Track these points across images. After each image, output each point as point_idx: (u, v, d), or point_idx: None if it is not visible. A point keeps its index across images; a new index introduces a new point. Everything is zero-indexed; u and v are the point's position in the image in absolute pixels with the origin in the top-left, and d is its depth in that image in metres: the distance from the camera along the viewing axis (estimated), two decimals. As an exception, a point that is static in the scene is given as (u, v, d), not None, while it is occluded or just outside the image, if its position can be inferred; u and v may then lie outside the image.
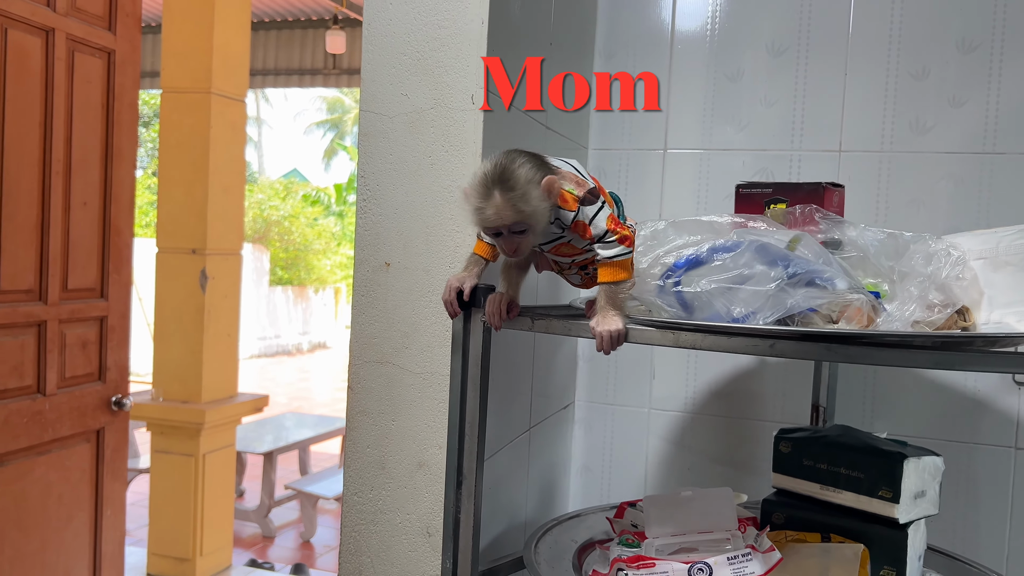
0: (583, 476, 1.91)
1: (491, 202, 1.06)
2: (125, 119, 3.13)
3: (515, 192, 1.06)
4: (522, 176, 1.07)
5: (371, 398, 1.34)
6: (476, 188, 1.08)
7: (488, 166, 1.08)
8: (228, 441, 4.34)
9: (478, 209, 1.08)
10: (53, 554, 2.95)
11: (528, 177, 1.07)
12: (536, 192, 1.07)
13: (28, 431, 2.80)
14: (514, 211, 1.07)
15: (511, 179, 1.06)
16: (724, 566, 1.17)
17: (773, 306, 1.03)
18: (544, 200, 1.08)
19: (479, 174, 1.08)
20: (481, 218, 1.08)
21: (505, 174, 1.07)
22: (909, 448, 1.31)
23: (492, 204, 1.06)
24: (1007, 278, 1.16)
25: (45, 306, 2.85)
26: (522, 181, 1.07)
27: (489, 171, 1.07)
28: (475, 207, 1.08)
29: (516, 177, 1.07)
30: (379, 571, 1.35)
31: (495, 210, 1.07)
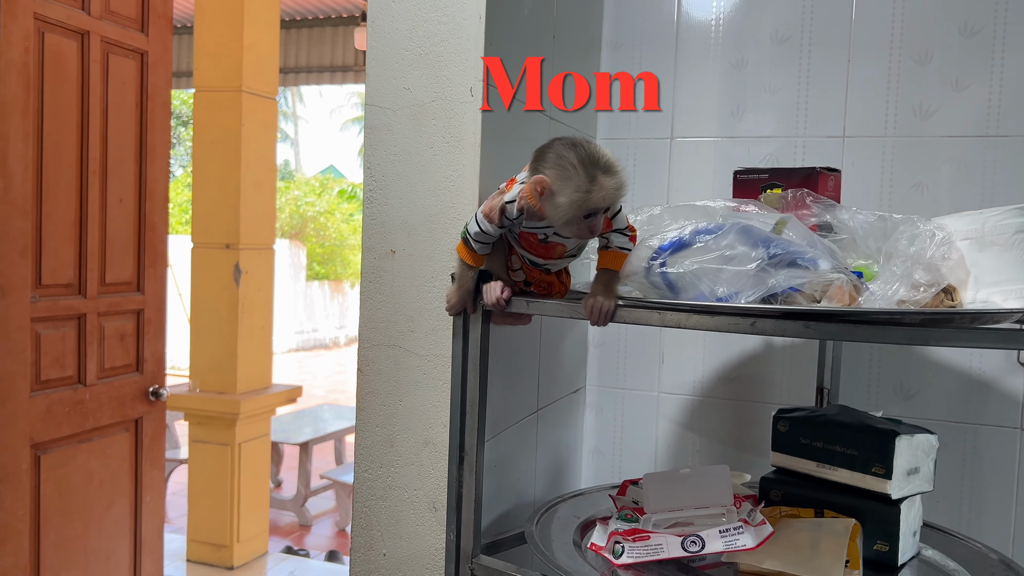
0: (595, 458, 1.95)
1: (597, 185, 1.11)
2: (158, 118, 3.24)
3: (620, 175, 1.13)
4: (615, 160, 1.14)
5: (379, 379, 1.41)
6: (574, 175, 1.11)
7: (574, 153, 1.12)
8: (263, 431, 4.45)
9: (582, 199, 1.11)
10: (95, 539, 3.07)
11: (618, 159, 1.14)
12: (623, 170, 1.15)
13: (70, 420, 2.91)
14: (617, 193, 1.13)
15: (612, 164, 1.13)
16: (716, 538, 1.21)
17: (755, 286, 1.07)
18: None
19: (570, 161, 1.12)
20: (586, 206, 1.12)
21: (604, 160, 1.12)
22: (903, 426, 1.34)
23: (599, 187, 1.11)
24: (992, 258, 1.18)
25: (84, 299, 2.97)
26: (618, 165, 1.13)
27: (585, 157, 1.12)
28: (578, 195, 1.11)
29: (612, 161, 1.13)
30: (389, 544, 1.41)
31: (604, 193, 1.12)
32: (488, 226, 1.20)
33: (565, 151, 1.12)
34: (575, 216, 1.13)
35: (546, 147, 1.15)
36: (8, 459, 2.68)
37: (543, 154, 1.15)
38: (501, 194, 1.20)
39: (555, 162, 1.12)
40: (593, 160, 1.11)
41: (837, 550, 1.21)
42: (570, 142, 1.13)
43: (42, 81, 2.71)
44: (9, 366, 2.66)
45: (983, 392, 1.67)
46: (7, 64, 2.58)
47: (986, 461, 1.67)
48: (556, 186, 1.12)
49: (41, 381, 2.80)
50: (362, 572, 1.42)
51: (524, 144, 1.53)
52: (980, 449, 1.68)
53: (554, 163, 1.13)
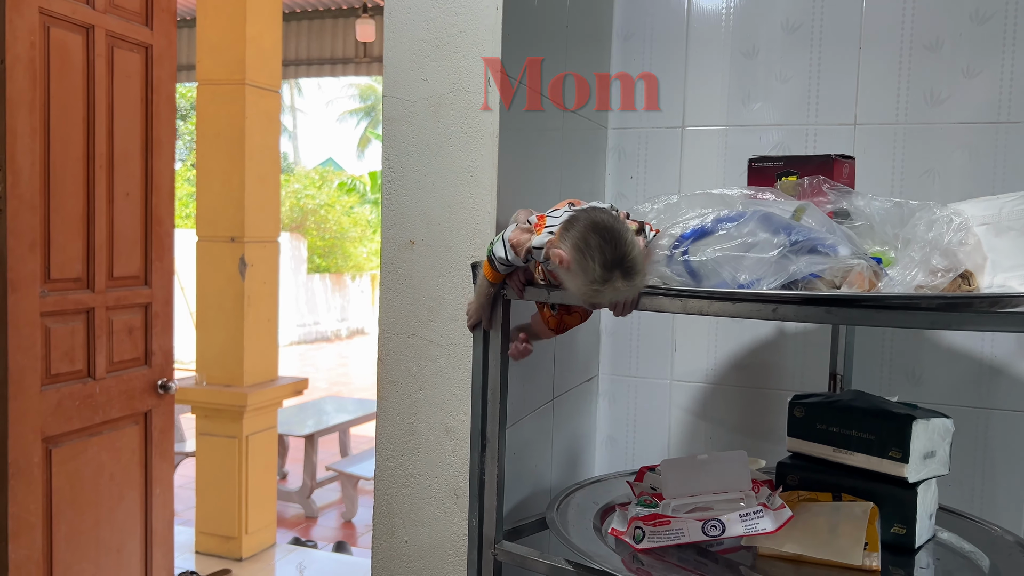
0: (608, 446, 1.97)
1: (610, 286, 1.07)
2: (163, 112, 3.24)
3: (636, 277, 1.08)
4: (639, 254, 1.08)
5: (399, 369, 1.42)
6: (590, 267, 1.06)
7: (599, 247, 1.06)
8: (270, 423, 4.47)
9: (592, 291, 1.08)
10: (106, 531, 3.08)
11: (642, 253, 1.09)
12: (645, 265, 1.10)
13: (80, 413, 2.93)
14: (629, 290, 1.09)
15: (633, 260, 1.07)
16: (736, 523, 1.23)
17: (776, 272, 1.08)
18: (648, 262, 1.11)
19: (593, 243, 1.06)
20: (593, 299, 1.09)
21: (628, 261, 1.06)
22: (919, 410, 1.35)
23: (611, 288, 1.07)
24: (1009, 243, 1.19)
25: (93, 293, 2.97)
26: (640, 260, 1.08)
27: (609, 257, 1.06)
28: (590, 288, 1.08)
29: (635, 258, 1.07)
30: (410, 532, 1.43)
31: (614, 294, 1.08)
32: (514, 257, 1.19)
33: (592, 238, 1.07)
34: (584, 303, 1.12)
35: (580, 217, 1.10)
36: (20, 453, 2.69)
37: (574, 224, 1.09)
38: (530, 231, 1.17)
39: (579, 245, 1.07)
40: (616, 261, 1.06)
41: (856, 533, 1.23)
42: (603, 228, 1.07)
43: (48, 76, 2.71)
44: (19, 360, 2.67)
45: (995, 377, 1.69)
46: (13, 59, 2.58)
47: (998, 445, 1.69)
48: (573, 269, 1.08)
49: (51, 375, 2.81)
50: (384, 560, 1.44)
51: (540, 135, 1.54)
52: (992, 433, 1.69)
53: (578, 246, 1.07)
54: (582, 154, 1.77)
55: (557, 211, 1.18)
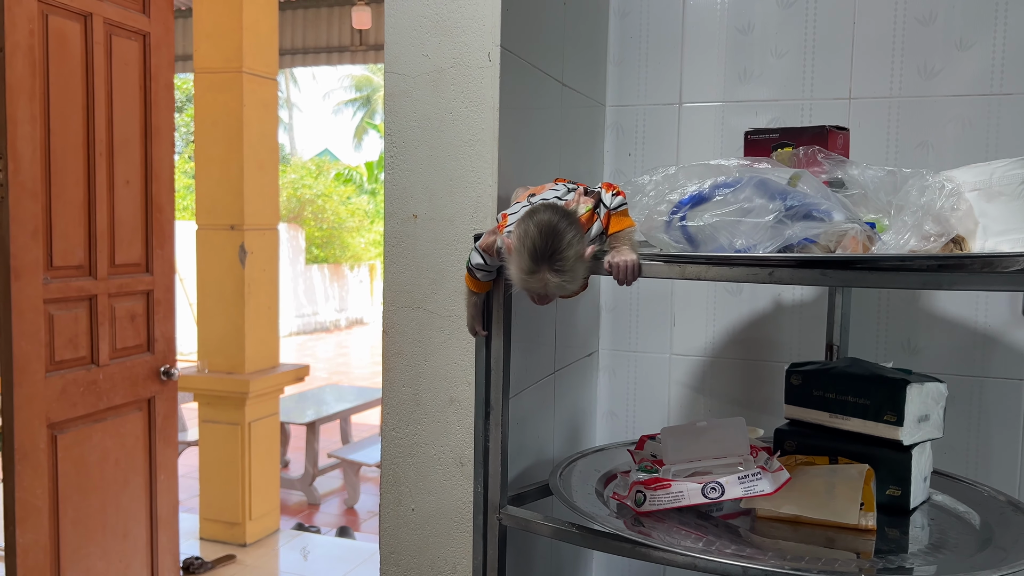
0: (608, 420, 2.00)
1: (537, 278, 1.12)
2: (162, 99, 3.25)
3: (564, 275, 1.12)
4: (572, 255, 1.11)
5: (405, 341, 1.44)
6: (523, 256, 1.12)
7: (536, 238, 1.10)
8: (272, 410, 4.50)
9: (523, 279, 1.13)
10: (112, 516, 3.12)
11: (578, 255, 1.12)
12: (582, 267, 1.13)
13: (84, 400, 2.95)
14: (559, 288, 1.13)
15: (562, 258, 1.11)
16: (735, 485, 1.26)
17: (772, 237, 1.11)
18: (586, 266, 1.14)
19: (530, 235, 1.11)
20: (525, 285, 1.14)
21: (556, 254, 1.10)
22: (913, 375, 1.38)
23: (538, 280, 1.12)
24: (1000, 208, 1.22)
25: (95, 281, 3.00)
26: (571, 260, 1.11)
27: (542, 248, 1.10)
28: (521, 275, 1.13)
29: (566, 257, 1.11)
30: (417, 499, 1.45)
31: (541, 285, 1.12)
32: (490, 259, 1.23)
33: (532, 231, 1.11)
34: (518, 288, 1.16)
35: (532, 211, 1.15)
36: (26, 438, 2.72)
37: (525, 217, 1.15)
38: (495, 233, 1.22)
39: (520, 235, 1.13)
40: (546, 256, 1.10)
41: (852, 493, 1.26)
42: (544, 225, 1.11)
43: (47, 63, 2.72)
44: (24, 347, 2.70)
45: (988, 346, 1.71)
46: (13, 47, 2.59)
47: (992, 412, 1.72)
48: (512, 256, 1.14)
49: (55, 362, 2.83)
50: (391, 528, 1.47)
51: (539, 111, 1.56)
52: (986, 401, 1.72)
53: (519, 236, 1.13)
54: (580, 131, 1.79)
55: (516, 206, 1.23)
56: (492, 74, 1.36)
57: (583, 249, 1.13)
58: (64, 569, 2.89)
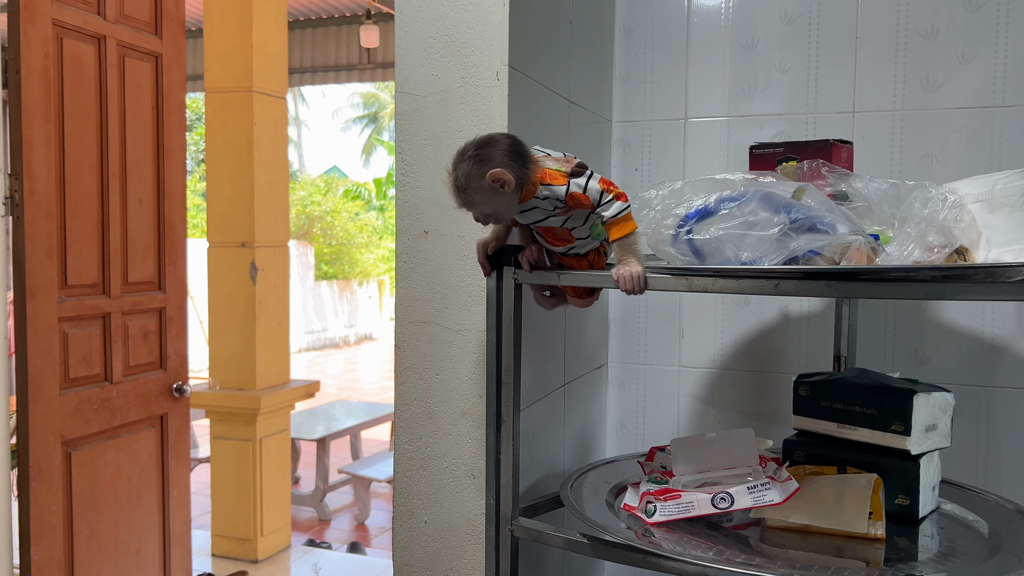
0: (618, 433, 2.01)
1: (450, 187, 1.21)
2: (174, 119, 3.30)
3: (463, 187, 1.19)
4: (463, 171, 1.19)
5: (416, 355, 1.47)
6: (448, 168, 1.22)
7: (458, 151, 1.20)
8: (283, 426, 4.52)
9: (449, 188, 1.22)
10: (125, 532, 3.14)
11: (469, 173, 1.19)
12: (481, 185, 1.18)
13: (98, 417, 2.98)
14: (464, 200, 1.21)
15: (458, 175, 1.19)
16: (745, 495, 1.27)
17: (777, 249, 1.13)
18: (495, 191, 1.19)
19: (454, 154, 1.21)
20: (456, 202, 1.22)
21: (457, 169, 1.19)
22: (920, 385, 1.39)
23: (451, 189, 1.21)
24: (1003, 219, 1.24)
25: (109, 299, 3.03)
26: (462, 177, 1.19)
27: (453, 159, 1.20)
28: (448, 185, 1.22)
29: (460, 172, 1.19)
30: (430, 512, 1.47)
31: (452, 194, 1.21)
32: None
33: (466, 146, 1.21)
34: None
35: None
36: (41, 455, 2.75)
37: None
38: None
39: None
40: (453, 165, 1.21)
41: (861, 503, 1.27)
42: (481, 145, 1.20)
43: (62, 85, 2.77)
44: (39, 365, 2.73)
45: (996, 355, 1.72)
46: (28, 69, 2.64)
47: (1001, 422, 1.72)
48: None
49: (70, 379, 2.86)
50: (404, 540, 1.49)
51: (546, 127, 1.58)
52: (995, 410, 1.73)
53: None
54: (587, 147, 1.81)
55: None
56: (500, 93, 1.38)
57: (478, 171, 1.18)
58: (78, 585, 2.91)
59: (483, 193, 1.19)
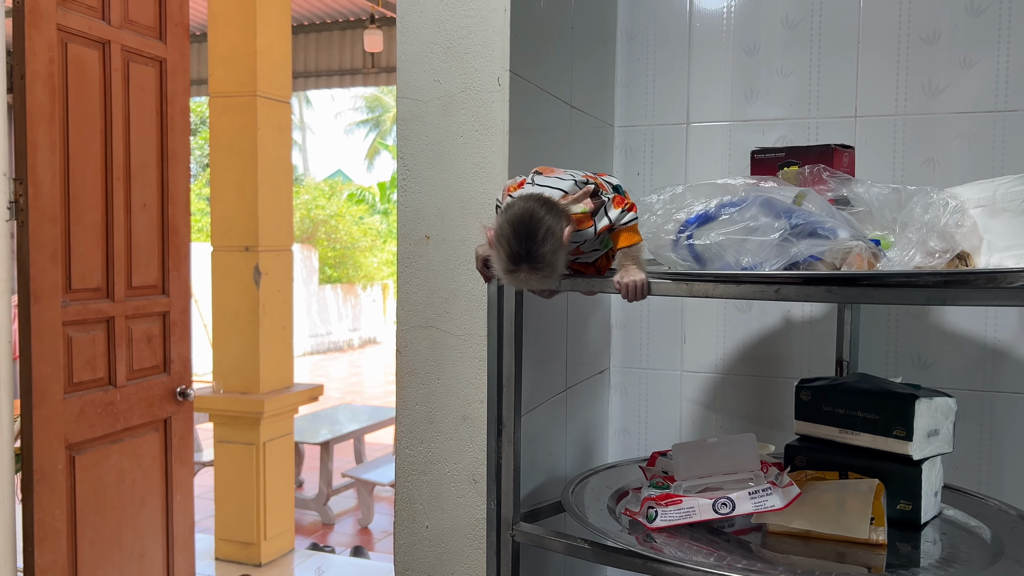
0: (621, 437, 2.01)
1: (518, 275, 1.13)
2: (178, 124, 3.31)
3: (543, 269, 1.12)
4: (548, 250, 1.12)
5: (418, 359, 1.47)
6: (503, 251, 1.13)
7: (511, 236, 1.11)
8: (287, 430, 4.53)
9: (507, 273, 1.14)
10: (129, 536, 3.14)
11: (554, 248, 1.12)
12: (561, 256, 1.14)
13: (102, 421, 2.99)
14: (540, 282, 1.14)
15: (538, 256, 1.11)
16: (746, 500, 1.27)
17: (778, 255, 1.13)
18: (565, 253, 1.14)
19: (505, 234, 1.12)
20: (508, 281, 1.16)
21: (532, 251, 1.11)
22: (922, 390, 1.39)
23: (519, 277, 1.13)
24: (1004, 224, 1.23)
25: (112, 303, 3.04)
26: (548, 255, 1.12)
27: (517, 250, 1.11)
28: (502, 272, 1.15)
29: (542, 254, 1.11)
30: (431, 516, 1.47)
31: (523, 281, 1.14)
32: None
33: (506, 230, 1.13)
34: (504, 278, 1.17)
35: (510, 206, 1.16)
36: (45, 459, 2.75)
37: (503, 211, 1.16)
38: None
39: (497, 233, 1.14)
40: (522, 255, 1.12)
41: (863, 508, 1.26)
42: (517, 222, 1.12)
43: (66, 90, 2.78)
44: (43, 369, 2.74)
45: (998, 360, 1.72)
46: (33, 74, 2.65)
47: (1003, 427, 1.72)
48: (493, 251, 1.15)
49: (74, 383, 2.87)
50: (406, 544, 1.49)
51: (548, 133, 1.59)
52: (997, 415, 1.72)
53: (496, 234, 1.14)
54: (589, 151, 1.82)
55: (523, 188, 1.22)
56: (502, 98, 1.39)
57: (560, 241, 1.13)
58: (82, 589, 2.91)
59: (559, 267, 1.15)
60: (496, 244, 1.14)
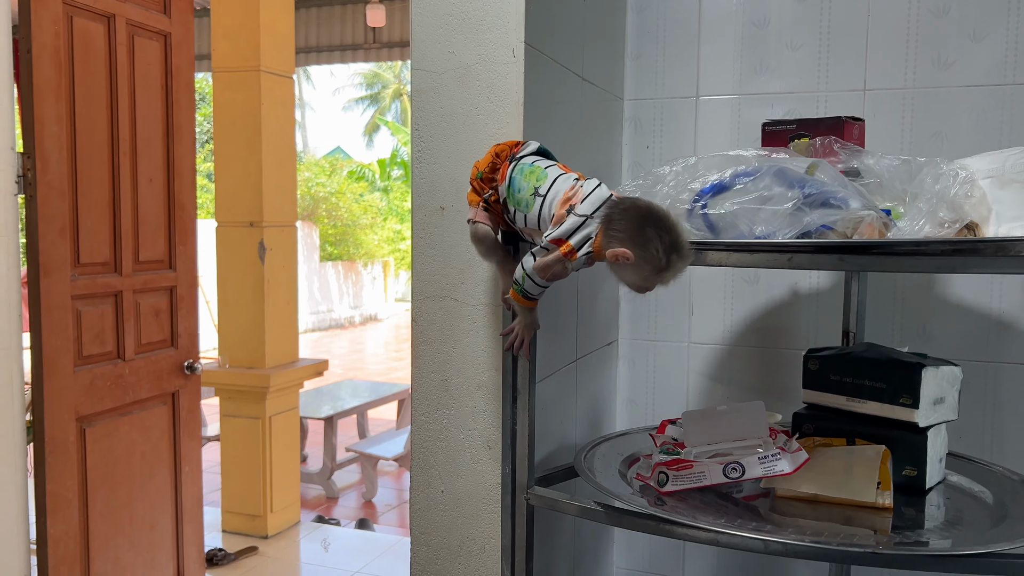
0: (629, 408, 2.04)
1: (671, 270, 1.15)
2: (183, 98, 3.31)
3: (689, 254, 1.15)
4: (686, 237, 1.15)
5: (433, 329, 1.49)
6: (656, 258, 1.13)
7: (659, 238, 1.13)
8: (292, 404, 4.56)
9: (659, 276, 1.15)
10: (140, 508, 3.18)
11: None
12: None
13: (112, 394, 3.02)
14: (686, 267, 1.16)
15: (687, 248, 1.14)
16: (755, 464, 1.30)
17: (791, 224, 1.15)
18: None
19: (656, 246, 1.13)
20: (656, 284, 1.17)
21: (684, 245, 1.14)
22: (928, 359, 1.42)
23: (672, 272, 1.15)
24: (1013, 195, 1.25)
25: (120, 277, 3.06)
26: (687, 241, 1.15)
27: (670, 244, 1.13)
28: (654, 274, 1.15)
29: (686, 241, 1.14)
30: (447, 482, 1.50)
31: (673, 275, 1.16)
32: (544, 282, 1.25)
33: (649, 230, 1.13)
34: (641, 289, 1.19)
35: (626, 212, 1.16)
36: (56, 431, 2.78)
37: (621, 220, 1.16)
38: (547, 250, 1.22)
39: (639, 240, 1.14)
40: (676, 246, 1.13)
41: (869, 473, 1.29)
42: (654, 217, 1.14)
43: (72, 64, 2.78)
44: (53, 342, 2.76)
45: (1003, 332, 1.74)
46: (39, 48, 2.65)
47: (1008, 397, 1.75)
48: (636, 263, 1.15)
49: (83, 356, 2.90)
50: (421, 509, 1.52)
51: (560, 105, 1.60)
52: (1002, 386, 1.75)
53: (637, 240, 1.14)
54: (599, 124, 1.83)
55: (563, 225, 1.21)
56: (517, 70, 1.40)
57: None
58: (93, 559, 2.95)
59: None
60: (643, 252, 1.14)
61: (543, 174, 1.25)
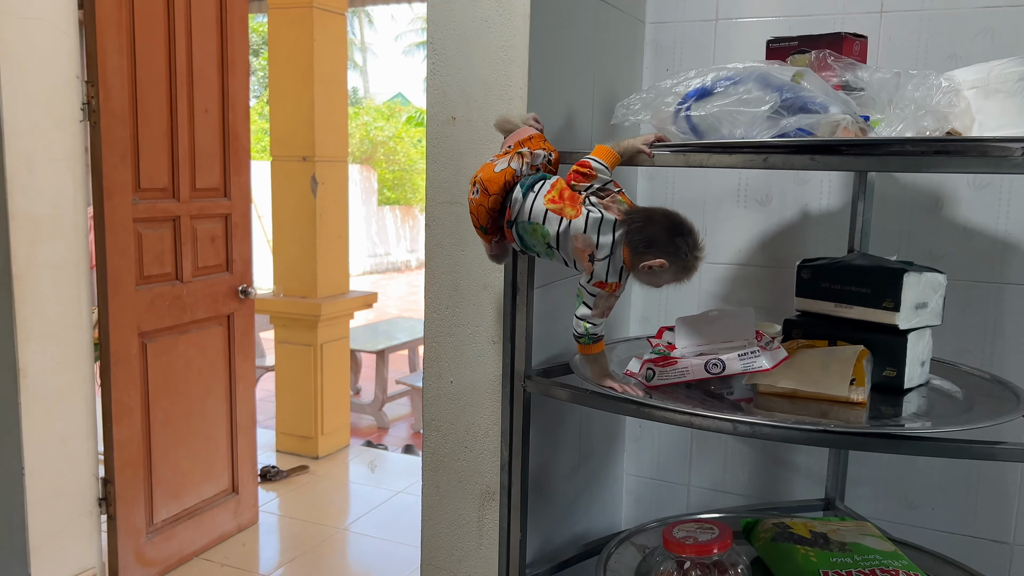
0: (642, 324, 2.12)
1: (697, 266, 1.28)
2: (237, 32, 3.44)
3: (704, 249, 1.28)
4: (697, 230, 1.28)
5: (444, 233, 1.60)
6: (688, 261, 1.26)
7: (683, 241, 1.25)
8: (342, 333, 4.76)
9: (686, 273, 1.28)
10: (197, 420, 3.41)
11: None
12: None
13: (170, 312, 3.23)
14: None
15: (700, 238, 1.27)
16: (735, 360, 1.38)
17: (769, 128, 1.21)
18: None
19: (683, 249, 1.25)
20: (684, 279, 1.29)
21: (701, 242, 1.27)
22: (913, 266, 1.47)
23: (697, 267, 1.29)
24: (996, 104, 1.29)
25: (178, 203, 3.24)
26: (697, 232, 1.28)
27: (692, 244, 1.26)
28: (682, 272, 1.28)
29: (699, 235, 1.27)
30: (455, 373, 1.63)
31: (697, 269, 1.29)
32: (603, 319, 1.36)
33: (678, 241, 1.25)
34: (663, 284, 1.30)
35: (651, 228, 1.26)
36: (120, 345, 3.00)
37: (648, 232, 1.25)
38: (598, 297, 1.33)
39: (671, 250, 1.25)
40: (697, 245, 1.26)
41: (844, 370, 1.37)
42: (678, 226, 1.26)
43: (132, -2, 2.93)
44: (117, 261, 2.97)
45: (1008, 252, 1.77)
46: (102, -19, 2.80)
47: (1008, 317, 1.78)
48: (670, 268, 1.26)
49: (144, 276, 3.10)
50: (432, 398, 1.65)
51: (573, 25, 1.67)
52: (1004, 306, 1.79)
53: (670, 251, 1.25)
54: (618, 47, 1.89)
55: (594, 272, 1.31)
56: (525, -21, 1.47)
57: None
58: (155, 464, 3.20)
59: None
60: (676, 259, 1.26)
61: (545, 231, 1.30)
